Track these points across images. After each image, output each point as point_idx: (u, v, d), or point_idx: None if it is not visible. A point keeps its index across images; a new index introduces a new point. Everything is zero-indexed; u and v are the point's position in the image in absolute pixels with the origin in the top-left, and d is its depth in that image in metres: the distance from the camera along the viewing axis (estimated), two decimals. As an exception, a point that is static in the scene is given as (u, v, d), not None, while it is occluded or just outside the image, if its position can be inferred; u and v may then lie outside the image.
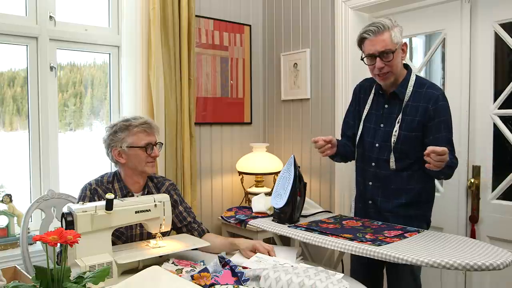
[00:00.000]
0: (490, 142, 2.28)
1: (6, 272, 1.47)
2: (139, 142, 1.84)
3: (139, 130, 1.85)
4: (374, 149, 1.98)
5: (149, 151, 1.85)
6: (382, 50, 1.83)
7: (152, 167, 1.90)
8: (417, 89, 1.89)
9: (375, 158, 1.98)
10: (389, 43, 1.83)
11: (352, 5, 2.68)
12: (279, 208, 2.01)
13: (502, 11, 2.21)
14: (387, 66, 1.85)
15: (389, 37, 1.83)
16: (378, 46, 1.83)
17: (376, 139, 1.98)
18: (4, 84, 2.48)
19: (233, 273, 1.52)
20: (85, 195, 1.84)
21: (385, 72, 1.87)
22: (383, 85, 1.97)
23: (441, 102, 1.84)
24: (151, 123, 1.91)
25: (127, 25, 2.59)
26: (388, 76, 1.89)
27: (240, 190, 3.21)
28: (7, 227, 2.30)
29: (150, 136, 1.88)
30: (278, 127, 3.27)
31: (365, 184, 2.04)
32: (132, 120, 1.88)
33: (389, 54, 1.83)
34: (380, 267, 2.10)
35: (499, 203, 2.27)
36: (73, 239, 1.07)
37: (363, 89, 2.10)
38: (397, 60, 1.87)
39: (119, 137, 1.84)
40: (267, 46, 3.34)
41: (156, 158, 1.93)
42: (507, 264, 1.42)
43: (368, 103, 2.04)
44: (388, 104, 1.97)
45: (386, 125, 1.95)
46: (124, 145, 1.83)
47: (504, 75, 2.29)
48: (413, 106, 1.88)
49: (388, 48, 1.83)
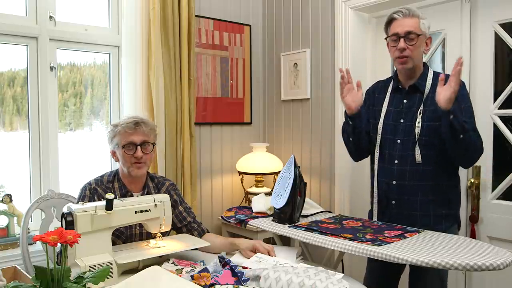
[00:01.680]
0: (490, 142, 2.28)
1: (6, 272, 1.47)
2: (121, 141, 1.83)
3: (121, 129, 1.82)
4: (396, 145, 1.94)
5: (130, 151, 1.80)
6: (409, 31, 1.85)
7: (138, 168, 1.82)
8: (435, 82, 1.87)
9: (398, 155, 1.93)
10: (417, 27, 1.86)
11: (352, 5, 2.68)
12: (279, 208, 2.01)
13: (502, 11, 2.21)
14: (409, 49, 1.86)
15: (418, 22, 1.87)
16: (406, 26, 1.86)
17: (397, 135, 1.94)
18: (4, 84, 2.48)
19: (233, 273, 1.52)
20: (85, 195, 1.84)
21: (405, 56, 1.87)
22: (402, 73, 1.95)
23: (460, 92, 1.79)
24: (138, 121, 1.84)
25: (127, 25, 2.59)
26: (407, 61, 1.88)
27: (240, 190, 3.21)
28: (7, 227, 2.30)
29: (133, 135, 1.81)
30: (278, 127, 3.27)
31: (388, 184, 1.97)
32: (121, 120, 1.88)
33: (414, 37, 1.85)
34: (395, 277, 2.09)
35: (499, 203, 2.27)
36: (73, 239, 1.07)
37: (378, 89, 2.10)
38: (420, 48, 1.89)
39: (110, 137, 1.87)
40: (267, 46, 3.34)
41: (147, 160, 1.85)
42: (507, 264, 1.42)
43: (386, 101, 2.01)
44: (407, 99, 1.95)
45: (406, 119, 1.93)
46: (112, 145, 1.86)
47: (504, 75, 2.29)
48: (433, 97, 1.81)
49: (414, 30, 1.85)
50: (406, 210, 1.93)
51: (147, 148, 1.85)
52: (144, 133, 1.84)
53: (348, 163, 2.66)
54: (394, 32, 1.89)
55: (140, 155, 1.81)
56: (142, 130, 1.84)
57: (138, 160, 1.82)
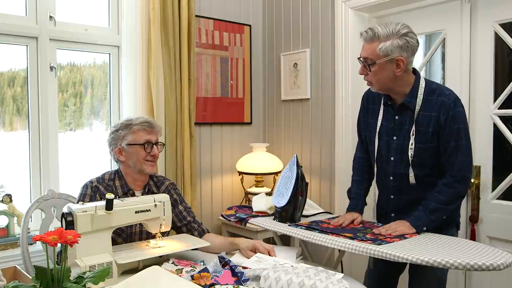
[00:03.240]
0: (490, 142, 2.28)
1: (6, 272, 1.47)
2: (138, 139, 1.86)
3: (139, 128, 1.87)
4: (390, 162, 1.90)
5: (148, 149, 1.86)
6: (365, 57, 1.77)
7: (152, 166, 1.89)
8: (427, 97, 1.78)
9: (392, 172, 1.90)
10: (373, 53, 1.74)
11: (352, 5, 2.68)
12: (281, 207, 2.01)
13: (502, 11, 2.21)
14: (368, 75, 1.80)
15: (375, 48, 1.73)
16: (364, 51, 1.78)
17: (391, 153, 1.89)
18: (4, 84, 2.48)
19: (233, 273, 1.52)
20: (86, 193, 1.84)
21: (368, 80, 1.82)
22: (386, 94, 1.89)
23: (452, 111, 1.73)
24: (152, 122, 1.93)
25: (127, 25, 2.59)
26: (371, 85, 1.83)
27: (240, 190, 3.21)
28: (7, 227, 2.30)
29: (150, 134, 1.88)
30: (278, 127, 3.27)
31: (387, 198, 1.96)
32: (134, 119, 1.92)
33: (371, 63, 1.75)
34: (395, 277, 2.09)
35: (499, 203, 2.27)
36: (73, 239, 1.07)
37: (371, 99, 1.99)
38: (381, 73, 1.76)
39: (120, 135, 1.87)
40: (267, 46, 3.34)
41: (156, 159, 1.92)
42: (507, 264, 1.42)
43: (380, 114, 1.92)
44: (398, 116, 1.85)
45: (399, 137, 1.85)
46: (124, 143, 1.86)
47: (504, 75, 2.29)
48: (425, 115, 1.77)
49: (370, 57, 1.75)
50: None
51: (159, 147, 1.93)
52: (157, 133, 1.93)
53: (348, 163, 2.65)
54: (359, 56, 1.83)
55: (157, 153, 1.90)
56: (157, 130, 1.93)
57: (153, 158, 1.88)
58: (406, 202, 1.89)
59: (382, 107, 1.93)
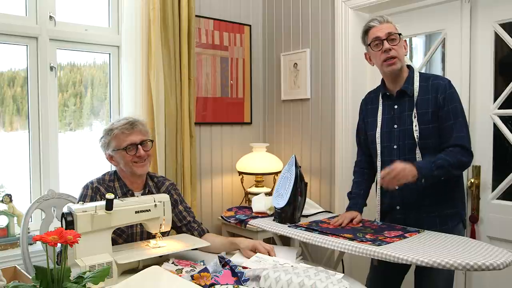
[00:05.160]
0: (490, 142, 2.28)
1: (6, 272, 1.47)
2: (120, 144, 1.83)
3: (118, 132, 1.83)
4: (393, 151, 1.94)
5: (133, 151, 1.82)
6: (389, 32, 1.89)
7: (142, 167, 1.85)
8: (422, 83, 1.91)
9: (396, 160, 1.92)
10: (395, 29, 1.91)
11: (352, 5, 2.68)
12: (280, 208, 2.01)
13: (502, 11, 2.21)
14: (394, 49, 1.88)
15: (393, 26, 1.93)
16: (385, 30, 1.90)
17: (393, 142, 1.95)
18: (4, 84, 2.48)
19: (233, 273, 1.52)
20: (87, 194, 1.84)
21: (393, 56, 1.88)
22: (389, 78, 1.96)
23: (448, 91, 1.85)
24: (133, 121, 1.87)
25: (127, 25, 2.59)
26: (396, 62, 1.89)
27: (240, 190, 3.21)
28: (7, 227, 2.30)
29: (131, 136, 1.83)
30: (278, 127, 3.27)
31: (392, 190, 1.94)
32: (115, 122, 1.88)
33: (396, 37, 1.88)
34: (399, 278, 2.09)
35: (499, 203, 2.27)
36: (73, 239, 1.07)
37: (370, 101, 2.10)
38: (403, 48, 1.92)
39: (105, 141, 1.86)
40: (267, 46, 3.34)
41: (149, 157, 1.88)
42: (507, 264, 1.42)
43: (379, 111, 2.01)
44: (397, 105, 1.95)
45: (400, 125, 1.93)
46: (109, 149, 1.86)
47: (504, 75, 2.29)
48: (423, 99, 1.88)
49: (394, 31, 1.90)
50: (411, 214, 1.93)
51: (146, 146, 1.88)
52: (141, 132, 1.87)
53: (348, 163, 2.66)
54: (375, 36, 1.91)
55: (143, 154, 1.84)
56: (139, 129, 1.87)
57: (140, 159, 1.84)
58: (411, 193, 1.90)
59: (381, 104, 2.01)
